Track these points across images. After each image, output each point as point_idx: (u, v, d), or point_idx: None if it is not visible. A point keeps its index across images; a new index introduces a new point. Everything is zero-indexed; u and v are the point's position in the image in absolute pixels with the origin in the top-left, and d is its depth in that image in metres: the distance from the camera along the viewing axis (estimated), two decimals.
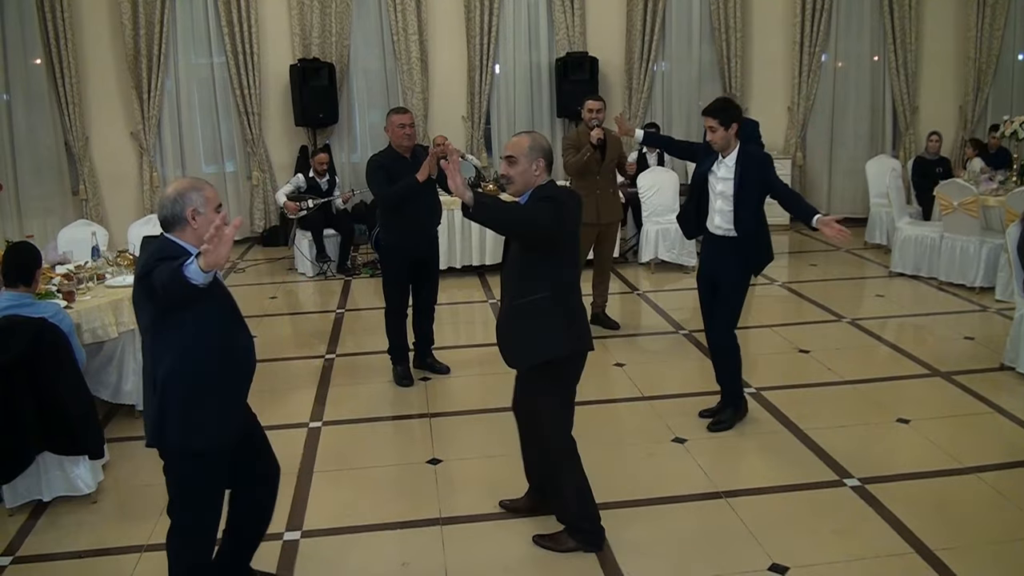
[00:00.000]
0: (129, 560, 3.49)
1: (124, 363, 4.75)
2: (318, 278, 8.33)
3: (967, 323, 6.47)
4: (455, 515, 3.79)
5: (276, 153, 9.83)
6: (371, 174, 5.16)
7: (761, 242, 4.47)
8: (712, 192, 4.45)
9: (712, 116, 4.30)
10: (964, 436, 4.49)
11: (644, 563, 3.39)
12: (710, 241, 4.57)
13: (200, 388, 2.70)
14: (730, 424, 4.63)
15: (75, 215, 8.72)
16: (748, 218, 4.33)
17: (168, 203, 2.66)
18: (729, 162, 4.35)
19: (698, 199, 4.54)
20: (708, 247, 4.61)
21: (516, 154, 3.18)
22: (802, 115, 10.35)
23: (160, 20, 9.11)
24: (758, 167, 4.32)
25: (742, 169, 4.29)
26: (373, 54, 9.89)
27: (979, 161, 8.75)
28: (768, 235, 4.53)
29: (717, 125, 4.29)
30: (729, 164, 4.34)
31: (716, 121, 4.28)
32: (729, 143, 4.34)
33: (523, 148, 3.18)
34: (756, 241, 4.43)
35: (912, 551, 3.41)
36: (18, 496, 3.83)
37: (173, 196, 2.66)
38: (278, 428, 4.78)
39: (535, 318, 3.21)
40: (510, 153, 3.19)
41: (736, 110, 4.37)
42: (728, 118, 4.29)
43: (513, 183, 3.23)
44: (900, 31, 10.17)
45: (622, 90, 10.16)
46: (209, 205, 2.68)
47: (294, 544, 3.58)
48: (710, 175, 4.44)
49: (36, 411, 3.69)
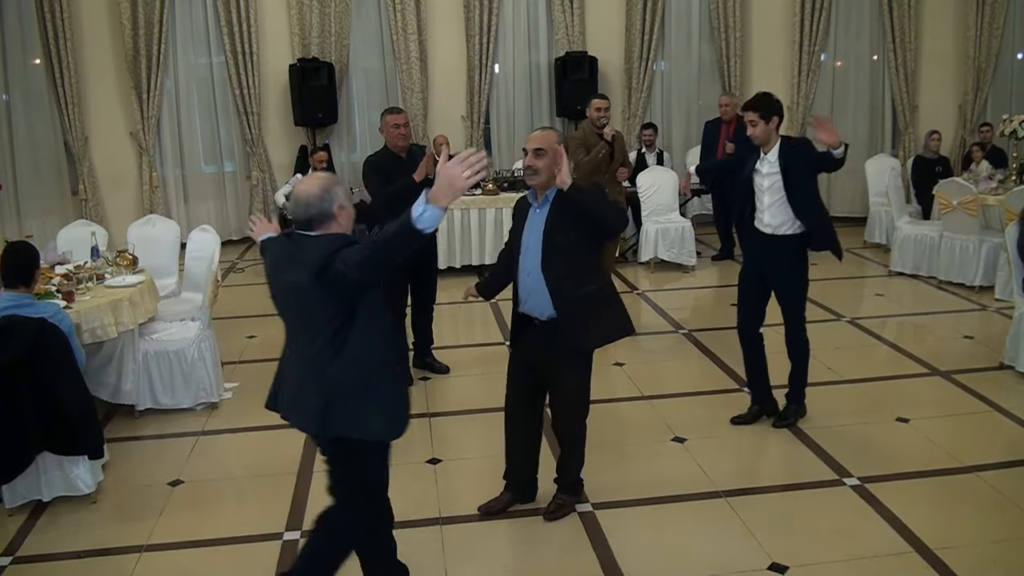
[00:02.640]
0: (129, 560, 3.49)
1: (123, 363, 4.75)
2: None
3: (966, 322, 6.48)
4: (455, 515, 3.79)
5: (275, 153, 9.83)
6: (368, 174, 5.18)
7: (828, 228, 4.39)
8: (759, 191, 4.40)
9: (753, 110, 4.31)
10: (964, 435, 4.50)
11: (644, 562, 3.39)
12: (758, 240, 4.47)
13: (395, 376, 2.75)
14: (795, 422, 4.62)
15: (74, 215, 8.71)
16: (809, 206, 4.27)
17: (315, 201, 2.58)
18: (771, 157, 4.32)
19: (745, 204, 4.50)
20: (755, 245, 4.53)
21: (545, 146, 3.31)
22: (801, 114, 10.33)
23: (159, 20, 9.11)
24: (801, 151, 4.31)
25: (785, 159, 4.27)
26: (372, 54, 9.89)
27: (987, 164, 8.68)
28: (831, 223, 4.45)
29: (758, 119, 4.29)
30: (772, 159, 4.31)
31: (757, 115, 4.29)
32: (770, 137, 4.34)
33: (551, 141, 3.33)
34: (824, 229, 4.36)
35: (912, 550, 3.41)
36: (18, 496, 3.82)
37: (319, 193, 2.59)
38: (278, 428, 4.74)
39: (604, 305, 3.49)
40: (540, 146, 3.32)
41: (777, 104, 4.35)
42: (769, 112, 4.30)
43: (539, 174, 3.36)
44: (899, 30, 10.17)
45: (621, 89, 10.16)
46: (348, 198, 2.68)
47: (293, 544, 3.59)
48: (755, 175, 4.42)
49: (36, 411, 3.68)
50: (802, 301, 4.50)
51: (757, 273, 4.51)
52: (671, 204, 8.29)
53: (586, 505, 3.81)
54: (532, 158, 3.33)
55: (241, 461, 4.50)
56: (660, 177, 8.35)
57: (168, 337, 4.98)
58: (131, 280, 4.80)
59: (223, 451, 4.59)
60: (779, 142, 4.36)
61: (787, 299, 4.47)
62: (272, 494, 4.01)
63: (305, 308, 2.62)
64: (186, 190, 9.84)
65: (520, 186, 7.92)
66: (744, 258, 4.73)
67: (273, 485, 4.11)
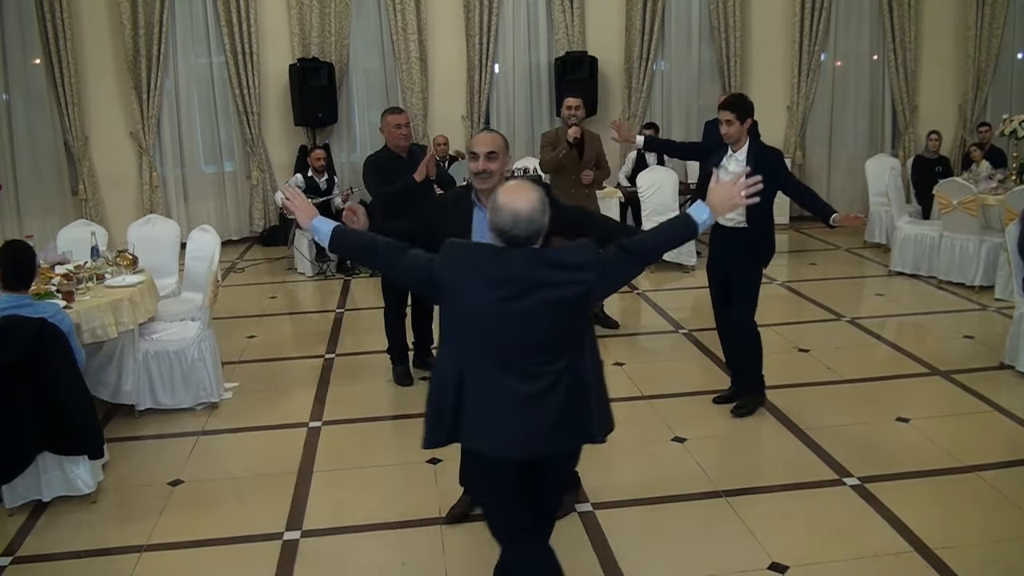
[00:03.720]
0: (129, 560, 3.49)
1: (124, 363, 4.75)
2: (317, 278, 8.33)
3: (967, 322, 6.47)
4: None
5: (275, 153, 9.83)
6: (368, 174, 5.18)
7: (768, 236, 4.62)
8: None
9: (730, 110, 4.44)
10: (964, 435, 4.49)
11: (644, 562, 3.39)
12: (720, 234, 4.69)
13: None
14: (752, 409, 4.76)
15: (74, 215, 8.71)
16: (759, 212, 4.37)
17: (538, 215, 2.45)
18: (740, 156, 4.45)
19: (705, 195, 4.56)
20: (718, 240, 4.74)
21: (497, 149, 3.24)
22: (801, 114, 10.34)
23: (159, 20, 9.11)
24: (770, 163, 4.39)
25: (755, 163, 4.31)
26: (372, 53, 9.89)
27: (987, 164, 8.68)
28: (773, 230, 4.66)
29: (734, 119, 4.43)
30: (740, 158, 4.43)
31: (733, 115, 4.42)
32: (741, 137, 4.47)
33: (501, 144, 3.26)
34: (764, 235, 4.59)
35: (912, 550, 3.41)
36: (17, 496, 3.82)
37: (540, 206, 2.47)
38: (277, 428, 4.80)
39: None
40: (492, 149, 3.23)
41: (751, 105, 4.54)
42: (745, 113, 4.45)
43: (492, 177, 3.25)
44: (899, 30, 10.17)
45: (621, 89, 10.16)
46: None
47: (294, 544, 3.58)
48: (718, 170, 4.44)
49: (35, 411, 3.68)
50: (755, 290, 4.68)
51: (721, 266, 4.73)
52: (671, 204, 8.28)
53: (586, 505, 3.81)
54: (485, 161, 3.21)
55: (241, 461, 4.49)
56: (660, 177, 8.35)
57: (168, 337, 4.98)
58: (131, 280, 4.80)
59: (223, 451, 4.58)
60: (749, 142, 4.50)
61: (741, 286, 4.65)
62: (272, 494, 4.01)
63: (558, 324, 2.50)
64: (186, 190, 9.84)
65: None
66: (709, 252, 4.86)
67: (273, 485, 4.10)
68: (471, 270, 2.48)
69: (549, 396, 2.51)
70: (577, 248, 2.53)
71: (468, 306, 2.49)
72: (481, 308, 2.46)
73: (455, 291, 2.50)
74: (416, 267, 2.57)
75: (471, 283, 2.47)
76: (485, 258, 2.50)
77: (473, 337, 2.52)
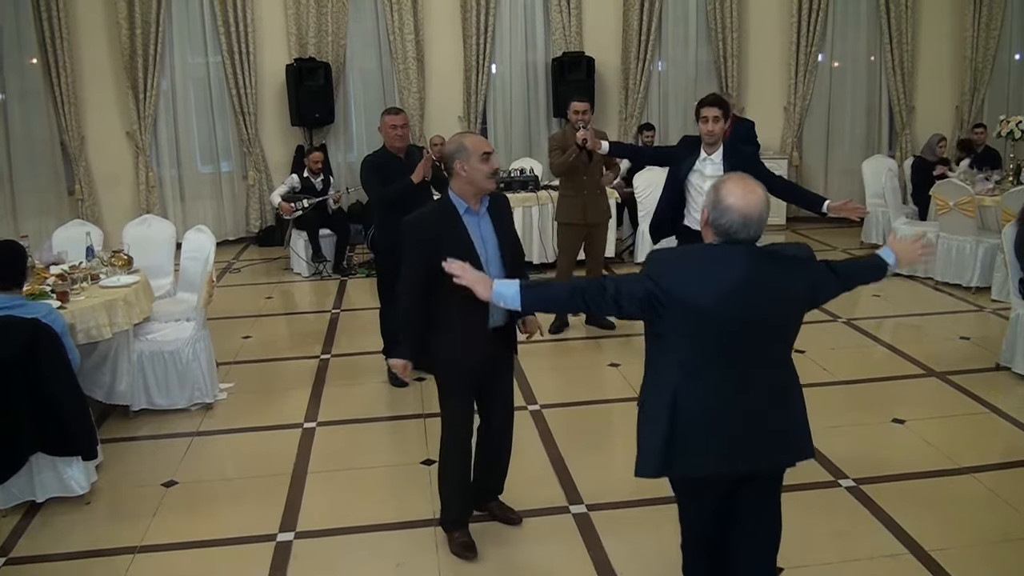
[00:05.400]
0: (122, 561, 3.48)
1: (118, 363, 4.73)
2: (314, 278, 8.32)
3: (963, 323, 6.48)
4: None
5: (272, 153, 9.81)
6: (365, 175, 5.16)
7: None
8: (695, 191, 4.49)
9: (718, 106, 4.37)
10: (960, 436, 4.49)
11: (639, 564, 3.39)
12: (689, 239, 4.59)
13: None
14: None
15: (71, 215, 8.69)
16: None
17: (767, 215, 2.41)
18: (716, 158, 4.39)
19: (675, 201, 4.56)
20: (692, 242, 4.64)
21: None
22: (798, 115, 10.35)
23: (156, 20, 9.09)
24: (747, 160, 4.39)
25: (733, 162, 4.31)
26: (369, 54, 9.88)
27: (966, 163, 8.76)
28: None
29: (721, 116, 4.36)
30: (716, 160, 4.39)
31: (721, 112, 4.36)
32: (721, 137, 4.43)
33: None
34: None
35: (907, 552, 3.40)
36: (11, 497, 3.81)
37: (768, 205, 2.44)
38: (272, 428, 4.78)
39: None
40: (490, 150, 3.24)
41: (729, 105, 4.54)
42: (728, 111, 4.41)
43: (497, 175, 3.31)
44: (896, 31, 10.18)
45: (618, 90, 10.16)
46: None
47: (287, 545, 3.57)
48: (693, 175, 4.45)
49: (29, 412, 3.67)
50: None
51: None
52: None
53: (580, 506, 3.81)
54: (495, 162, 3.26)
55: (236, 462, 4.48)
56: (657, 177, 8.32)
57: (163, 337, 4.97)
58: (126, 280, 4.79)
59: (218, 452, 4.57)
60: (723, 145, 4.48)
61: None
62: (266, 495, 4.00)
63: (786, 324, 2.49)
64: (182, 190, 9.82)
65: (517, 187, 7.90)
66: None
67: (267, 486, 4.09)
68: (700, 275, 2.36)
69: (763, 409, 2.45)
70: (795, 245, 2.51)
71: (701, 312, 2.33)
72: (715, 311, 2.32)
73: (683, 299, 2.33)
74: (631, 294, 2.39)
75: (703, 287, 2.33)
76: (712, 259, 2.39)
77: (703, 343, 2.38)
